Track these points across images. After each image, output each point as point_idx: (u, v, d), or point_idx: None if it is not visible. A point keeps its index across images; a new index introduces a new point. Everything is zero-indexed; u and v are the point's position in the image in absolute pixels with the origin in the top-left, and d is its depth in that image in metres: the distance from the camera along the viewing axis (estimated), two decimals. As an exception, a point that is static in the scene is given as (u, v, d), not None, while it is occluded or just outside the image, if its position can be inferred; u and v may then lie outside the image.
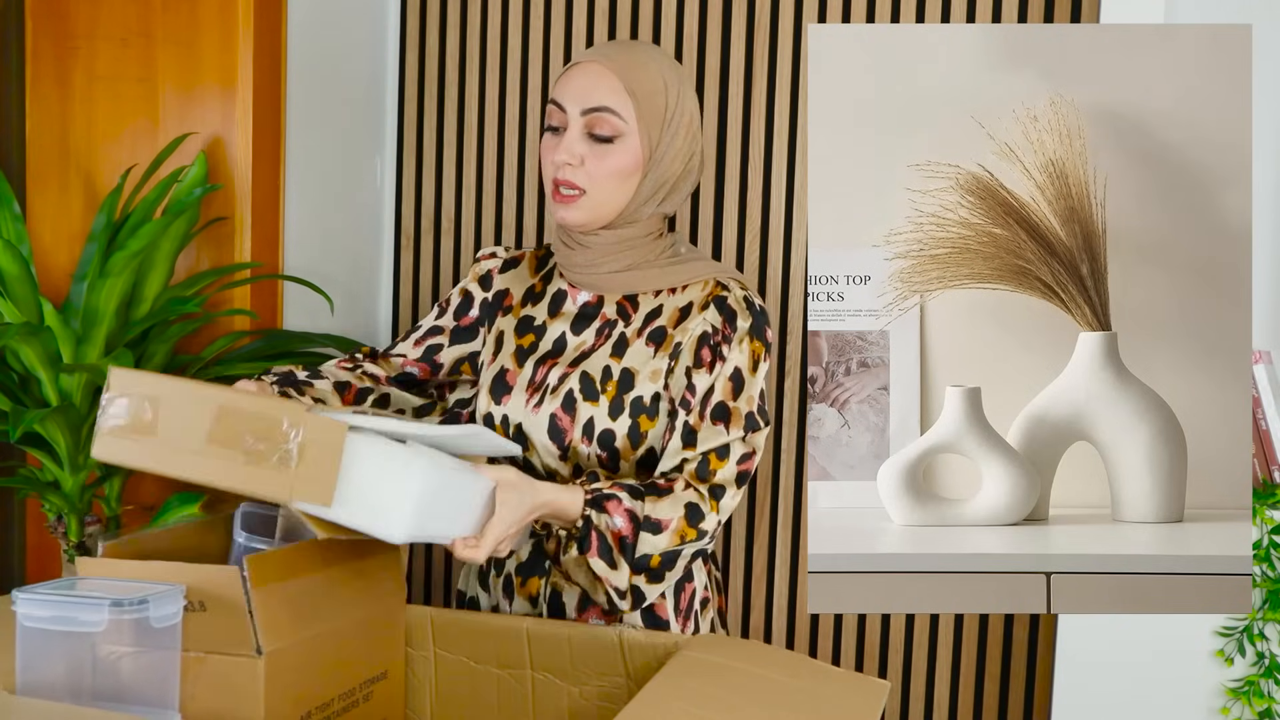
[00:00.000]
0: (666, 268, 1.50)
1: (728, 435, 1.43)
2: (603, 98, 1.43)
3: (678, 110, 1.46)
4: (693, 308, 1.48)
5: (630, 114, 1.43)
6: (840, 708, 1.21)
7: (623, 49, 1.47)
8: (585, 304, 1.52)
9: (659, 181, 1.46)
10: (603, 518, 1.36)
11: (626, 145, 1.43)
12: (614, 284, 1.50)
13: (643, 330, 1.48)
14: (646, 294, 1.50)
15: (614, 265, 1.49)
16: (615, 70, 1.43)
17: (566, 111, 1.44)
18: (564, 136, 1.44)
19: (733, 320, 1.46)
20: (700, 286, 1.49)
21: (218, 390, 1.18)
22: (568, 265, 1.51)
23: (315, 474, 1.14)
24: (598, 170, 1.43)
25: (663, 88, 1.44)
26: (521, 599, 1.51)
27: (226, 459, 1.14)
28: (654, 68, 1.45)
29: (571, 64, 1.47)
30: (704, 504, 1.40)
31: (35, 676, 1.11)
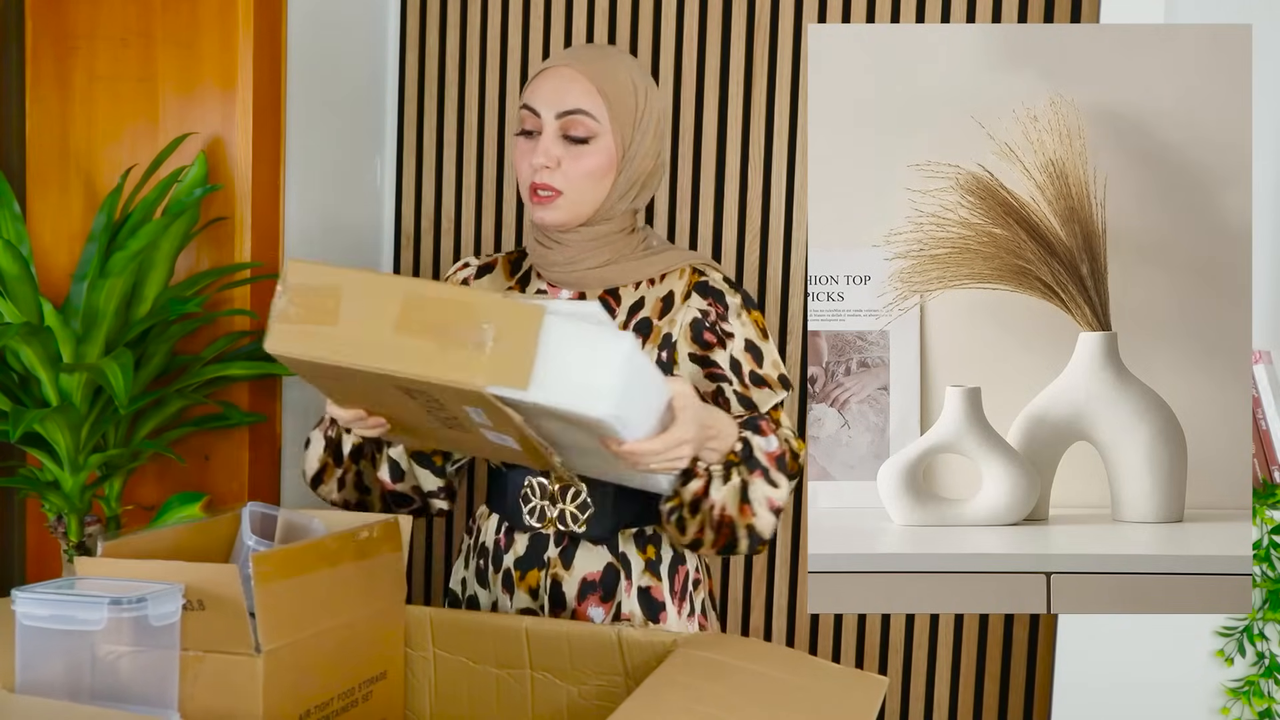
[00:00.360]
0: (643, 259, 1.53)
1: (775, 395, 1.49)
2: (576, 100, 1.46)
3: (647, 109, 1.49)
4: (675, 297, 1.52)
5: (604, 115, 1.46)
6: (838, 704, 1.21)
7: (590, 52, 1.51)
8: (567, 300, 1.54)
9: (632, 179, 1.49)
10: (757, 439, 1.42)
11: (601, 145, 1.47)
12: (594, 279, 1.52)
13: (628, 323, 1.51)
14: (627, 287, 1.53)
15: (592, 261, 1.51)
16: (587, 74, 1.46)
17: (540, 115, 1.47)
18: (539, 140, 1.47)
19: (721, 299, 1.51)
20: (678, 275, 1.53)
21: (403, 279, 1.16)
22: (546, 265, 1.54)
23: (512, 357, 1.10)
24: (574, 171, 1.46)
25: (632, 89, 1.48)
26: (522, 592, 1.53)
27: (415, 348, 1.11)
28: (623, 70, 1.49)
29: (541, 69, 1.50)
30: (792, 440, 1.47)
31: (34, 675, 1.11)
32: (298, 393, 2.10)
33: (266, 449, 2.01)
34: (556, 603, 1.51)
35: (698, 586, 1.58)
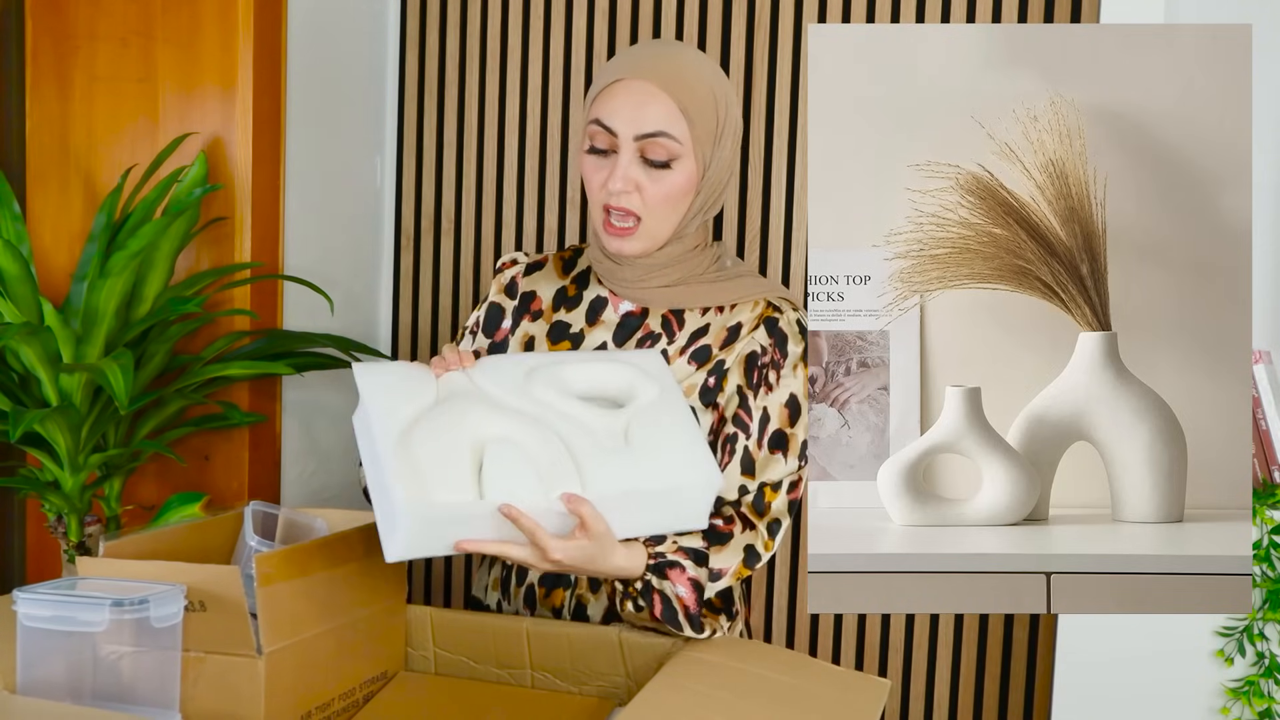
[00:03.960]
0: (715, 284, 1.46)
1: (785, 466, 1.41)
2: (657, 122, 1.36)
3: (726, 122, 1.41)
4: (742, 328, 1.45)
5: (685, 135, 1.37)
6: (841, 707, 1.21)
7: (668, 61, 1.39)
8: (628, 313, 1.48)
9: (709, 195, 1.43)
10: (665, 584, 1.31)
11: (682, 167, 1.38)
12: (661, 299, 1.46)
13: (686, 348, 1.45)
14: (693, 310, 1.47)
15: (661, 280, 1.45)
16: (667, 89, 1.36)
17: (617, 135, 1.37)
18: (616, 161, 1.38)
19: (783, 344, 1.44)
20: (750, 307, 1.46)
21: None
22: (612, 279, 1.48)
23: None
24: (654, 195, 1.38)
25: (713, 102, 1.39)
26: (545, 610, 1.49)
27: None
28: (704, 81, 1.39)
29: (614, 79, 1.39)
30: (759, 544, 1.39)
31: (36, 676, 1.11)
32: (298, 393, 2.10)
33: (266, 449, 2.01)
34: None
35: (735, 618, 1.52)
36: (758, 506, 1.40)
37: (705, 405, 1.43)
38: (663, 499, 1.29)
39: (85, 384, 1.69)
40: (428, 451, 1.22)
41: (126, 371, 1.55)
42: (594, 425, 1.30)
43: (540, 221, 2.31)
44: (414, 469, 1.20)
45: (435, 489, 1.19)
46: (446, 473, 1.21)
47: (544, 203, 2.30)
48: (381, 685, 1.38)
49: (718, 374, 1.43)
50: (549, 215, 2.30)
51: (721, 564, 1.35)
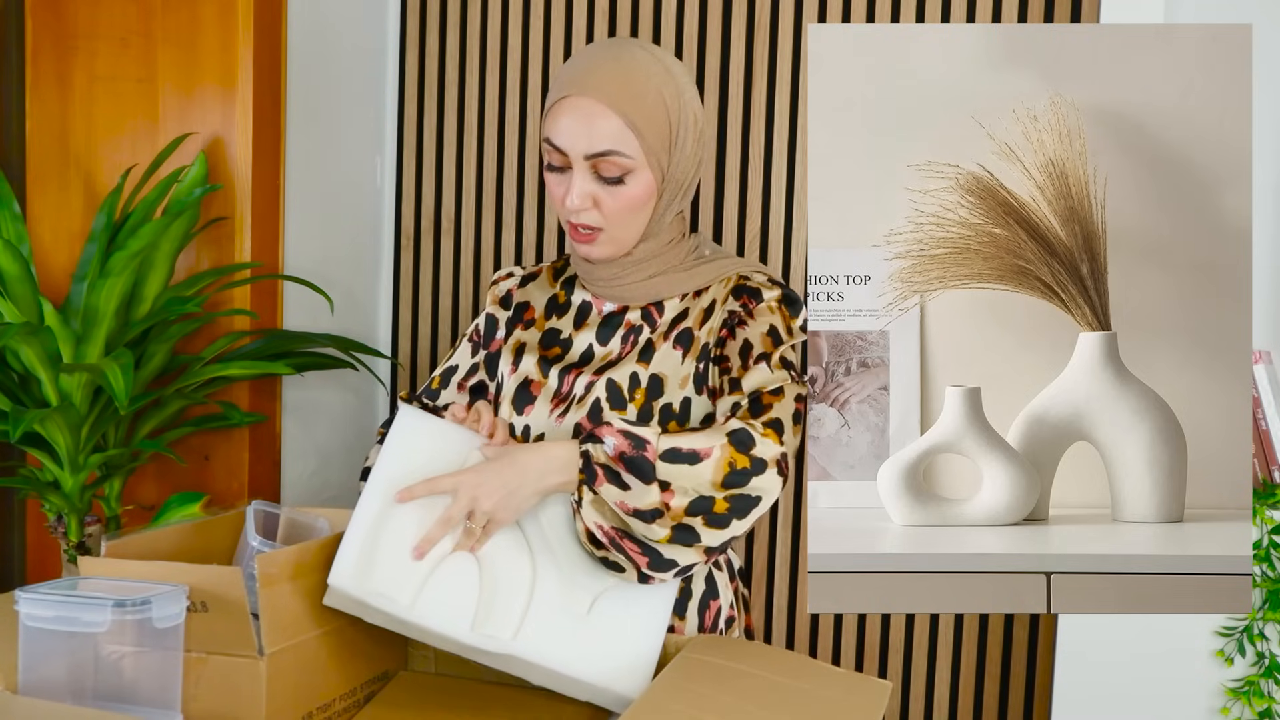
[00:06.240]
0: (691, 270, 1.47)
1: (772, 374, 1.36)
2: (606, 141, 1.35)
3: (680, 123, 1.39)
4: (715, 304, 1.46)
5: (636, 150, 1.36)
6: (842, 709, 1.21)
7: (612, 73, 1.35)
8: (610, 312, 1.50)
9: (674, 194, 1.43)
10: (598, 447, 1.28)
11: (637, 180, 1.38)
12: (639, 293, 1.47)
13: (669, 333, 1.45)
14: (672, 298, 1.48)
15: (638, 276, 1.46)
16: (613, 105, 1.34)
17: (568, 154, 1.37)
18: (570, 179, 1.38)
19: (755, 296, 1.43)
20: (723, 284, 1.47)
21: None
22: (590, 280, 1.50)
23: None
24: (612, 209, 1.39)
25: (663, 108, 1.37)
26: None
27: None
28: (651, 89, 1.36)
29: (560, 97, 1.37)
30: (754, 430, 1.29)
31: (37, 676, 1.11)
32: (298, 393, 2.10)
33: (266, 449, 2.01)
34: None
35: (731, 625, 1.52)
36: (754, 410, 1.34)
37: (699, 392, 1.43)
38: (580, 690, 1.30)
39: (85, 384, 1.69)
40: (393, 540, 1.28)
41: (126, 371, 1.55)
42: (573, 577, 1.33)
43: (540, 221, 2.31)
44: (371, 548, 1.27)
45: (375, 579, 1.25)
46: (395, 571, 1.26)
47: (544, 203, 2.30)
48: (382, 685, 1.38)
49: (705, 359, 1.44)
50: (549, 215, 2.30)
51: (697, 444, 1.27)
